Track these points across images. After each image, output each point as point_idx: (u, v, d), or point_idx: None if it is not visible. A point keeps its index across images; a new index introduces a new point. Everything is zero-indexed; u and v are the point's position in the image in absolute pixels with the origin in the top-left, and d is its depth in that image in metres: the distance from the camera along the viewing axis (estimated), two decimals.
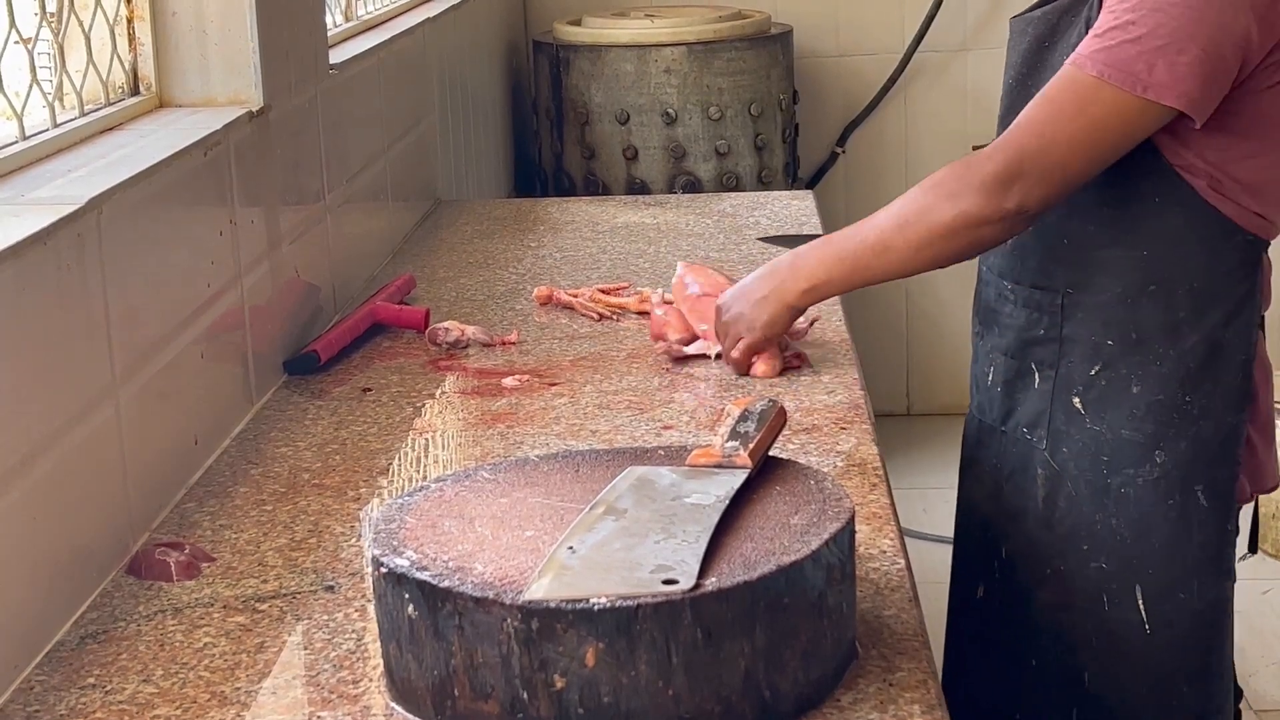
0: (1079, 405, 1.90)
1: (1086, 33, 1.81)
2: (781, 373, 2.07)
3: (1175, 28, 1.70)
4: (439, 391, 2.10)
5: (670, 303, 2.25)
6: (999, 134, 1.98)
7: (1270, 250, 1.90)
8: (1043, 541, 1.94)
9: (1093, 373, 1.88)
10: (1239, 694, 2.08)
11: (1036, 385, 1.93)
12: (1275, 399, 2.13)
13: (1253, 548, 2.07)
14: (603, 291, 2.47)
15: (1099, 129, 1.76)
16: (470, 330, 2.28)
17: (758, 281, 2.02)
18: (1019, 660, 1.98)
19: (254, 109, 2.09)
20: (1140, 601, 1.89)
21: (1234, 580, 1.94)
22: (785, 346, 2.10)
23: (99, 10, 1.98)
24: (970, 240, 1.83)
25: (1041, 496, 1.94)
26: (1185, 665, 1.92)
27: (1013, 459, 1.98)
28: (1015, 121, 1.81)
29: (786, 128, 4.18)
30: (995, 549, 2.01)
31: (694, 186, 3.98)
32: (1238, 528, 1.94)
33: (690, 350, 2.14)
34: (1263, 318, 1.92)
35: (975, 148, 3.51)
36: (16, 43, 1.77)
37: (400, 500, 1.38)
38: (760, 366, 2.06)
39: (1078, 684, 1.93)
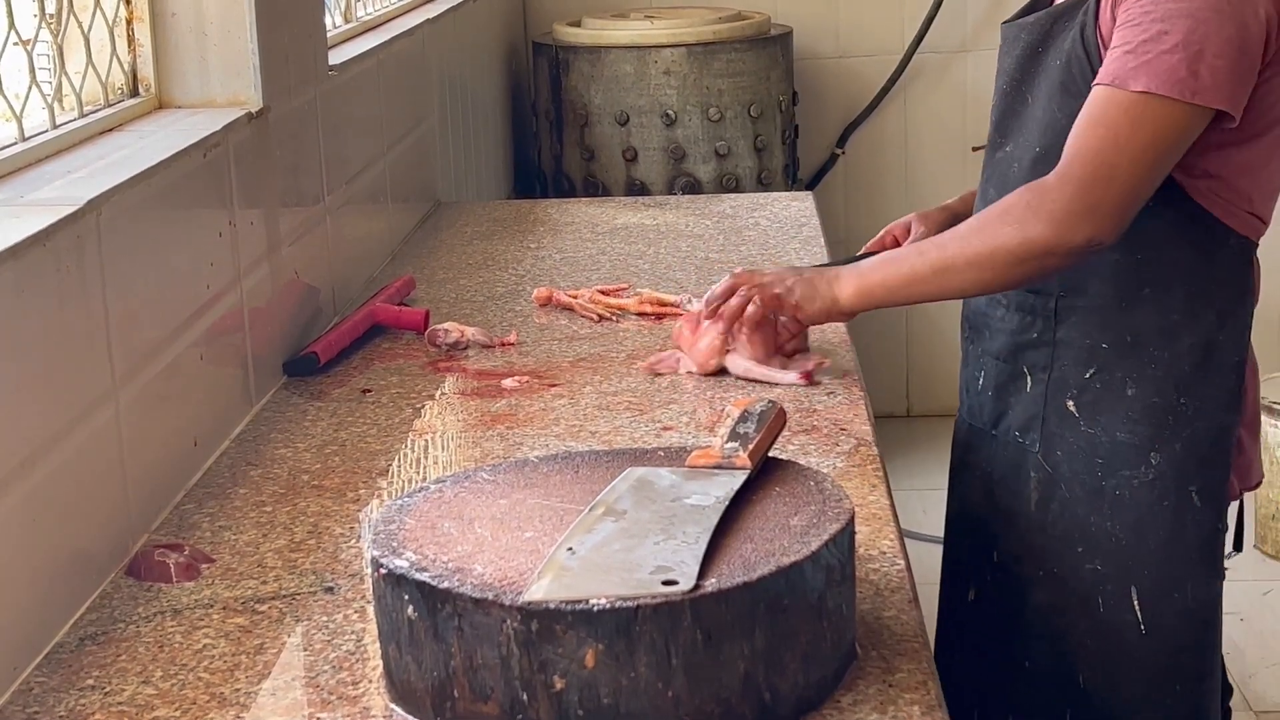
0: (1073, 408, 1.90)
1: (1081, 39, 1.81)
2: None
3: (1207, 32, 1.70)
4: (438, 393, 2.10)
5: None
6: (992, 138, 1.97)
7: (1259, 250, 1.90)
8: (1036, 544, 1.95)
9: (1087, 376, 1.89)
10: (1229, 691, 2.09)
11: (1029, 389, 1.93)
12: (1261, 396, 2.13)
13: (1238, 545, 2.07)
14: (602, 293, 2.47)
15: (1157, 144, 1.74)
16: (470, 331, 2.28)
17: (811, 270, 1.95)
18: (1013, 662, 1.98)
19: (253, 110, 2.09)
20: (1135, 602, 1.90)
21: (1223, 579, 1.94)
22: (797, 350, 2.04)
23: (98, 11, 1.98)
24: (1035, 269, 1.80)
25: (1035, 499, 1.94)
26: (1178, 664, 1.92)
27: (1004, 462, 1.98)
28: (1070, 153, 1.76)
29: (786, 129, 4.18)
30: (987, 552, 2.01)
31: (693, 188, 3.98)
32: (1227, 526, 1.95)
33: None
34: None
35: (975, 149, 3.51)
36: (16, 44, 1.77)
37: (400, 501, 1.38)
38: (744, 349, 1.99)
39: (1072, 685, 1.93)
